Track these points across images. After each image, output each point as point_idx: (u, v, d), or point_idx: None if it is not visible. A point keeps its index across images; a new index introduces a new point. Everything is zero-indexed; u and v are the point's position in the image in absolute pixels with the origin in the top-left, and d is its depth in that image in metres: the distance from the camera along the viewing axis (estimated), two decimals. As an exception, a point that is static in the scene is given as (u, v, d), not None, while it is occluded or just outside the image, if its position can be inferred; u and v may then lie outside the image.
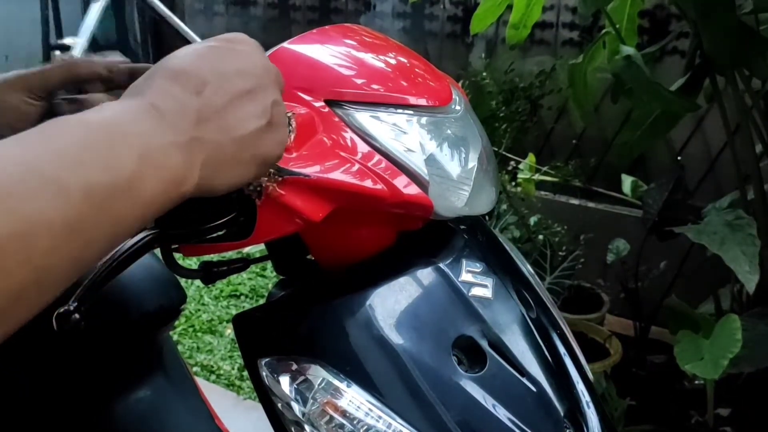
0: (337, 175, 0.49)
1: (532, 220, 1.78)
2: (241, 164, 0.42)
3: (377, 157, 0.52)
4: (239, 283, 2.44)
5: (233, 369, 2.01)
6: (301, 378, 0.51)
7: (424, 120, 0.55)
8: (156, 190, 0.37)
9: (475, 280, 0.58)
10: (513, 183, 1.80)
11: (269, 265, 0.89)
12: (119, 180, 0.35)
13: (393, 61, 0.58)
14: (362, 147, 0.52)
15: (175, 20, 0.58)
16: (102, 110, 0.38)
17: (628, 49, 1.26)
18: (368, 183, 0.50)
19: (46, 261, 0.32)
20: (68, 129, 0.35)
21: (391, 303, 0.54)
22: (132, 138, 0.37)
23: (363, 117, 0.52)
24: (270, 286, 2.23)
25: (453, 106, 0.59)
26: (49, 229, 0.32)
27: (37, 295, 0.32)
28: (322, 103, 0.52)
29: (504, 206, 1.73)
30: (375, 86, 0.54)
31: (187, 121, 0.39)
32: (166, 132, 0.38)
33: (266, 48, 0.56)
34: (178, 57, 0.42)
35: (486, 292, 0.58)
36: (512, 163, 1.83)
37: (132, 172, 0.35)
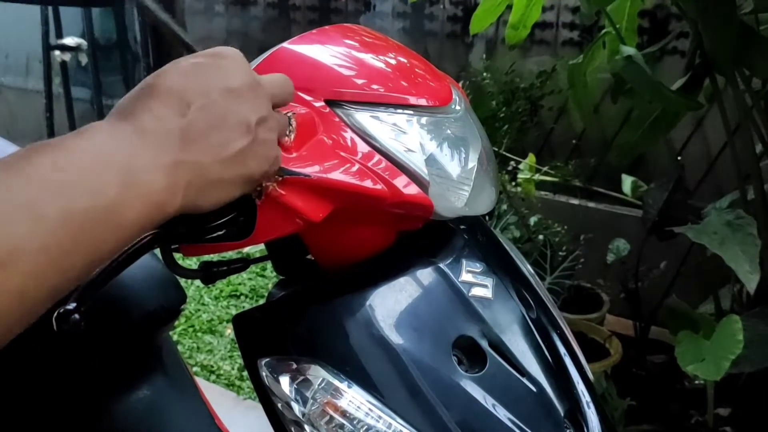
0: (337, 175, 0.49)
1: (532, 220, 1.78)
2: (225, 184, 0.42)
3: (377, 157, 0.52)
4: (239, 283, 2.44)
5: (233, 369, 2.01)
6: (301, 378, 0.51)
7: (424, 120, 0.55)
8: (138, 213, 0.37)
9: (475, 280, 0.58)
10: (513, 183, 1.79)
11: (269, 265, 0.89)
12: (100, 205, 0.35)
13: (393, 61, 0.58)
14: (362, 147, 0.52)
15: (173, 26, 0.57)
16: (85, 133, 0.37)
17: (628, 49, 1.26)
18: (368, 183, 0.50)
19: (23, 287, 0.32)
20: (48, 154, 0.35)
21: (391, 303, 0.54)
22: (115, 162, 0.36)
23: (363, 117, 0.52)
24: (270, 286, 2.23)
25: (453, 106, 0.59)
26: (26, 255, 0.31)
27: (14, 320, 0.32)
28: (323, 103, 0.52)
29: (504, 206, 1.73)
30: (375, 86, 0.54)
31: (172, 144, 0.39)
32: (150, 155, 0.38)
33: (266, 48, 0.56)
34: (164, 75, 0.42)
35: (486, 292, 0.58)
36: (512, 163, 1.83)
37: (114, 197, 0.35)
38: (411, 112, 0.55)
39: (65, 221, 0.33)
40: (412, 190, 0.52)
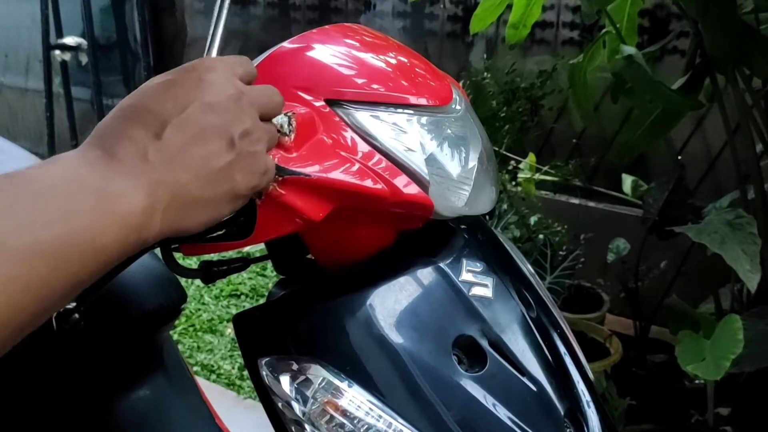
0: (338, 175, 0.49)
1: (533, 219, 1.78)
2: (211, 203, 0.41)
3: (377, 156, 0.52)
4: (239, 283, 2.44)
5: (233, 368, 2.01)
6: (302, 377, 0.51)
7: (424, 119, 0.55)
8: (114, 238, 0.36)
9: (476, 280, 0.58)
10: (513, 182, 1.79)
11: (269, 264, 0.89)
12: (73, 231, 0.34)
13: (393, 61, 0.58)
14: (362, 146, 0.52)
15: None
16: (55, 162, 0.37)
17: (628, 49, 1.26)
18: (368, 182, 0.50)
19: None
20: (12, 183, 0.34)
21: (391, 302, 0.54)
22: (86, 186, 0.35)
23: (363, 116, 0.52)
24: (270, 285, 2.23)
25: (453, 106, 0.59)
26: None
27: None
28: (323, 103, 0.52)
29: (504, 206, 1.73)
30: (375, 86, 0.54)
31: (147, 164, 0.38)
32: (124, 178, 0.37)
33: (266, 48, 0.56)
34: (140, 94, 0.41)
35: (486, 292, 0.58)
36: (512, 162, 1.83)
37: (87, 222, 0.34)
38: (411, 111, 0.55)
39: (33, 251, 0.32)
40: (412, 189, 0.52)
